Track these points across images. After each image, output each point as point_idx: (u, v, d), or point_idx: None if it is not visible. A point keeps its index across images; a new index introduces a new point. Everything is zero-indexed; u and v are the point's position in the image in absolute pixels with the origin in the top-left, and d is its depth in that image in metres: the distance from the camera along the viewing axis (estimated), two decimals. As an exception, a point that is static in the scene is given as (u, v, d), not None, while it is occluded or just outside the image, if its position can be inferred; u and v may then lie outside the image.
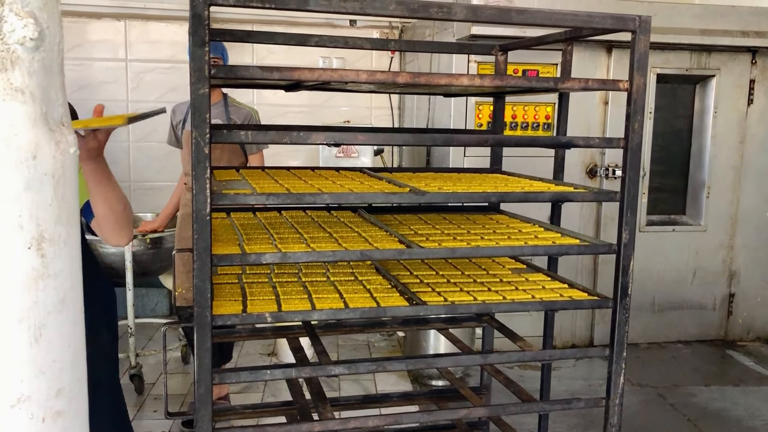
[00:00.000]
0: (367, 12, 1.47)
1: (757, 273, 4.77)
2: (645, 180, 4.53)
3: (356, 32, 5.30)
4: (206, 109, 1.43)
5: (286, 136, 1.53)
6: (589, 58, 4.31)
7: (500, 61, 2.25)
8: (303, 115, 5.39)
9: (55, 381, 0.95)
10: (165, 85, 5.26)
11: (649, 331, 4.67)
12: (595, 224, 4.47)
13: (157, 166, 5.34)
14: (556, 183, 2.02)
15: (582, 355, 1.87)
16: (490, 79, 1.64)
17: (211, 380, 1.52)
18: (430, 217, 2.21)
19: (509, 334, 2.03)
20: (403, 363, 1.64)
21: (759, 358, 4.49)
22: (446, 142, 1.96)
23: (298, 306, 1.66)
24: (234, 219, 2.08)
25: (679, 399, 3.81)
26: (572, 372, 4.11)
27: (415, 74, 1.56)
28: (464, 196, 1.70)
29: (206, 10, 1.40)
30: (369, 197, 1.65)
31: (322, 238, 1.77)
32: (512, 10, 1.57)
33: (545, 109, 4.26)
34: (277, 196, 1.56)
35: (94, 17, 5.16)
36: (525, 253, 1.73)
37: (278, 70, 1.48)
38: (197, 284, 1.47)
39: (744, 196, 4.67)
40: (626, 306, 1.76)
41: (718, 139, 4.60)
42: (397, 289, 1.84)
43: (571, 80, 1.68)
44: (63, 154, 0.94)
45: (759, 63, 4.56)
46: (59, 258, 0.94)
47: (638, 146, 1.72)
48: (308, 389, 1.90)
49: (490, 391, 2.42)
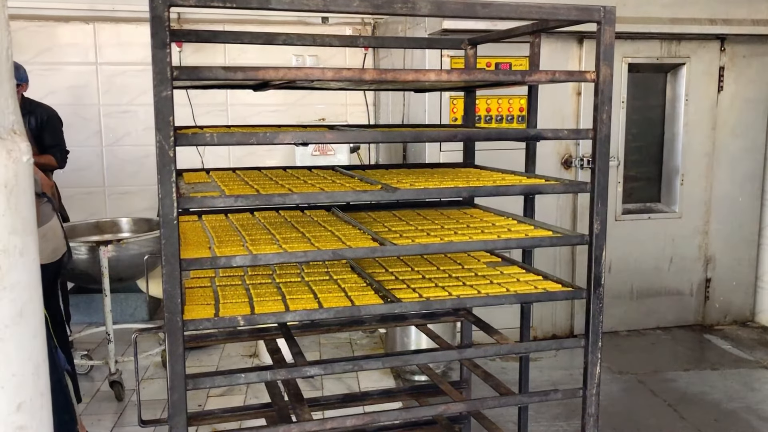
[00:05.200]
0: (330, 9, 1.46)
1: (731, 257, 4.83)
2: (620, 169, 4.56)
3: (329, 29, 5.27)
4: (170, 112, 1.41)
5: (252, 137, 1.51)
6: (560, 49, 4.32)
7: (470, 55, 2.25)
8: (278, 114, 5.36)
9: (15, 395, 0.93)
10: (137, 88, 5.20)
11: (628, 318, 4.72)
12: (571, 215, 4.50)
13: (131, 169, 5.28)
14: (528, 175, 2.03)
15: (558, 346, 1.88)
16: (458, 74, 1.64)
17: (185, 386, 1.51)
18: (404, 213, 2.21)
19: (485, 327, 2.03)
20: (379, 361, 1.64)
21: (736, 341, 4.55)
22: (415, 139, 1.96)
23: (271, 308, 1.65)
24: (205, 221, 2.06)
25: (659, 384, 3.85)
26: (553, 362, 4.13)
27: (381, 71, 1.55)
28: (435, 192, 1.69)
29: (166, 11, 1.38)
30: (339, 196, 1.64)
31: (295, 239, 1.76)
32: (477, 4, 1.56)
33: (519, 102, 4.27)
34: (246, 197, 1.54)
35: (62, 21, 5.08)
36: (498, 246, 1.73)
37: (242, 70, 1.47)
38: (167, 289, 1.45)
39: (717, 182, 4.73)
40: (600, 296, 1.77)
41: (691, 126, 4.64)
42: (372, 287, 1.83)
43: (538, 73, 1.68)
44: (15, 162, 0.92)
45: (728, 50, 4.61)
46: (15, 269, 0.92)
47: (607, 137, 1.73)
48: (286, 391, 1.89)
49: (470, 385, 2.42)
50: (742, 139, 4.72)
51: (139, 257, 3.79)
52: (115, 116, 5.25)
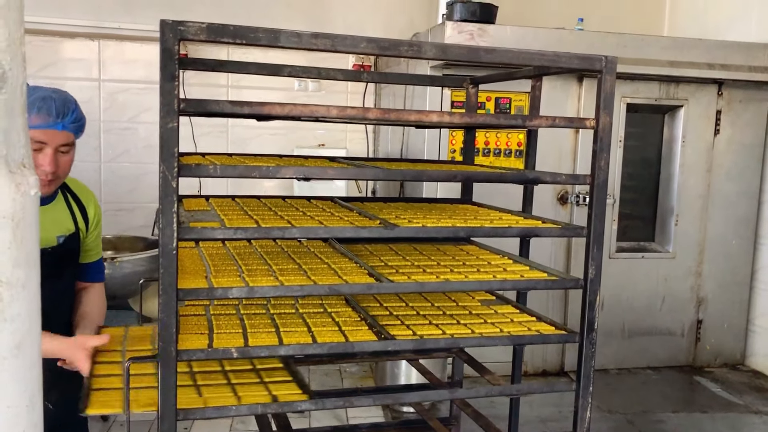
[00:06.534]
0: (338, 49, 1.48)
1: (724, 300, 4.85)
2: (615, 207, 4.60)
3: (332, 57, 5.32)
4: (174, 143, 1.42)
5: (255, 171, 1.53)
6: (560, 87, 4.38)
7: (471, 94, 2.28)
8: (277, 138, 5.39)
9: (10, 427, 0.93)
10: (139, 106, 5.23)
11: (619, 356, 4.71)
12: (566, 252, 4.52)
13: (128, 186, 5.28)
14: (525, 216, 2.05)
15: (549, 389, 1.87)
16: (459, 117, 1.66)
17: (175, 417, 1.50)
18: (401, 247, 2.22)
19: (477, 367, 2.03)
20: (370, 398, 1.64)
21: (726, 384, 4.55)
22: (416, 178, 1.98)
23: (265, 340, 1.65)
24: (203, 249, 2.06)
25: (648, 426, 3.84)
26: (543, 398, 4.11)
27: (385, 110, 1.57)
28: (433, 231, 1.71)
29: (176, 45, 1.40)
30: (338, 231, 1.65)
31: (291, 270, 1.76)
32: (480, 49, 1.59)
33: (518, 137, 4.31)
34: (245, 230, 1.55)
35: (68, 36, 5.12)
36: (493, 287, 1.74)
37: (248, 105, 1.49)
38: (162, 319, 1.46)
39: (711, 223, 4.76)
40: (592, 340, 1.78)
41: (686, 167, 4.69)
42: (366, 321, 1.83)
43: (538, 118, 1.71)
44: (23, 196, 0.93)
45: (725, 94, 4.67)
46: (17, 301, 0.93)
47: (605, 182, 1.75)
48: (275, 422, 1.88)
49: (459, 422, 2.42)
50: (736, 183, 4.77)
51: (133, 276, 3.78)
52: (115, 133, 5.26)
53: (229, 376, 1.80)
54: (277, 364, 1.87)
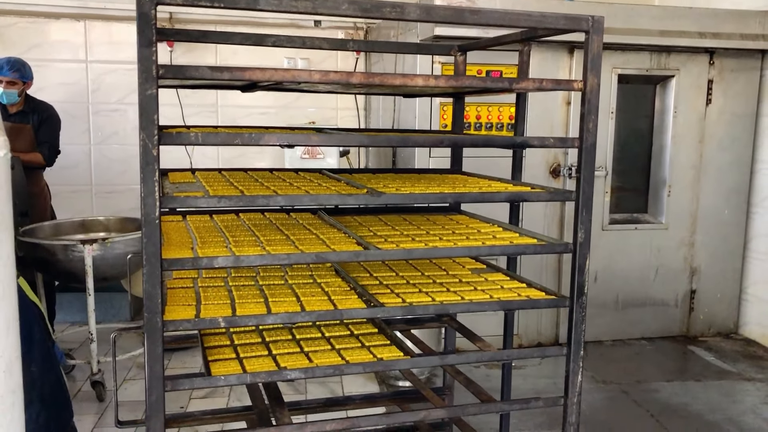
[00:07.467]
0: (318, 11, 1.45)
1: (716, 269, 4.86)
2: (608, 179, 4.59)
3: (321, 33, 5.28)
4: (154, 110, 1.40)
5: (237, 138, 1.50)
6: (551, 59, 4.34)
7: (459, 62, 2.26)
8: (268, 117, 5.35)
9: (-14, 392, 0.92)
10: (127, 87, 5.17)
11: (614, 328, 4.73)
12: (558, 223, 4.51)
13: (119, 168, 5.25)
14: (514, 183, 2.03)
15: (540, 354, 1.87)
16: (445, 80, 1.64)
17: (163, 388, 1.50)
18: (390, 218, 2.20)
19: (468, 334, 2.02)
20: (360, 366, 1.63)
21: (719, 353, 4.57)
22: (402, 143, 1.96)
23: (253, 310, 1.64)
24: (190, 222, 2.04)
25: (642, 395, 3.86)
26: (538, 370, 4.13)
27: (369, 74, 1.55)
28: (420, 197, 1.69)
29: (153, 10, 1.37)
30: (324, 199, 1.63)
31: (279, 241, 1.75)
32: (466, 10, 1.56)
33: (509, 110, 4.28)
34: (230, 198, 1.53)
35: (53, 17, 5.05)
36: (482, 253, 1.73)
37: (228, 71, 1.46)
38: (147, 289, 1.44)
39: (703, 194, 4.76)
40: (583, 305, 1.77)
41: (678, 138, 4.67)
42: (356, 291, 1.82)
43: (525, 81, 1.69)
44: (-7, 157, 0.91)
45: (716, 63, 4.65)
46: (-11, 265, 0.91)
47: (593, 146, 1.73)
48: (266, 394, 1.87)
49: (453, 392, 2.42)
50: (729, 153, 4.75)
51: (124, 257, 3.76)
52: (104, 115, 5.22)
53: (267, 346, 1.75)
54: (315, 334, 1.86)
